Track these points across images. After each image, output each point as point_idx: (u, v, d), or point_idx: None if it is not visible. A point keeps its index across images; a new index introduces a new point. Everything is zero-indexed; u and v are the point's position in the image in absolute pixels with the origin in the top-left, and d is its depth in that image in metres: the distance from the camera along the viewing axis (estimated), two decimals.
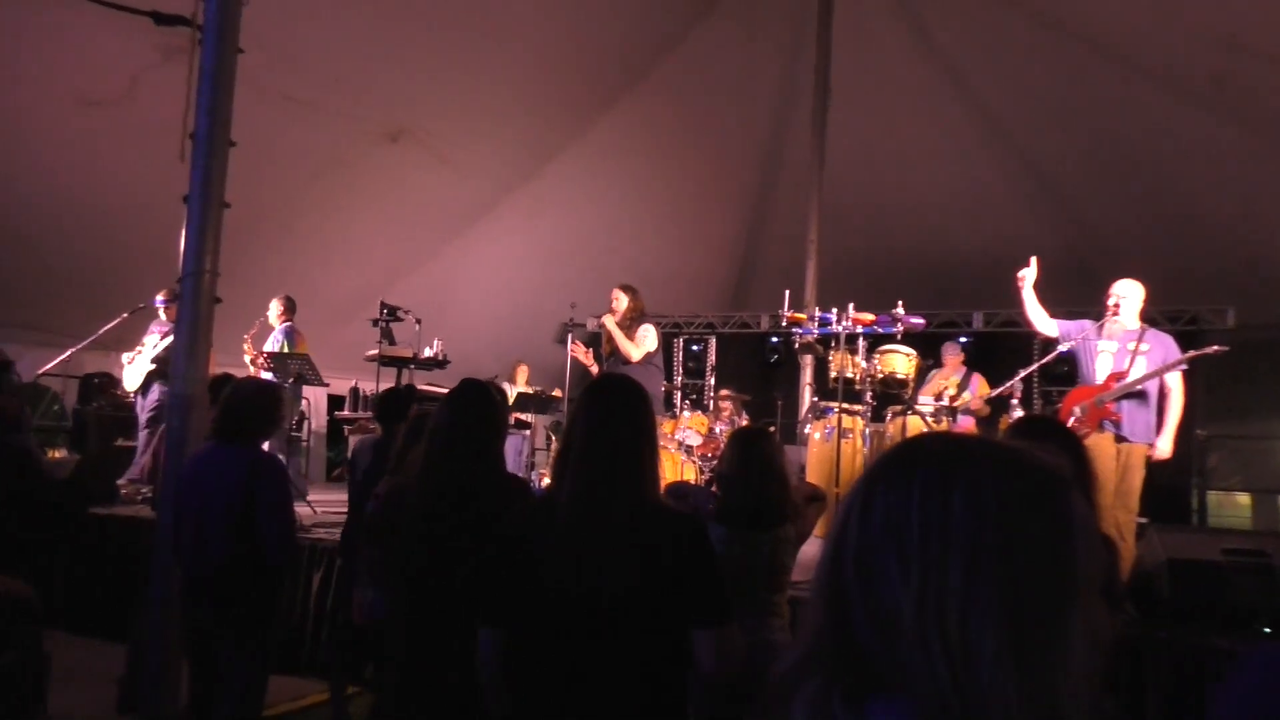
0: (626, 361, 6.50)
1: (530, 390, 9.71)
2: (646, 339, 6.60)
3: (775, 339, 12.12)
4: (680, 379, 12.36)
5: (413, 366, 8.19)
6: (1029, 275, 5.33)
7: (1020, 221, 10.45)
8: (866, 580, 0.84)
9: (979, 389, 7.79)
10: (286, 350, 7.96)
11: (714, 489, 3.39)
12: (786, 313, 7.41)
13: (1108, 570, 2.32)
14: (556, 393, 9.54)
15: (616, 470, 2.06)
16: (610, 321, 6.68)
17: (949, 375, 8.11)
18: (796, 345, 8.16)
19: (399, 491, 2.79)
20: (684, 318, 12.98)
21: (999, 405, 7.48)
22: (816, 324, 7.59)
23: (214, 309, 4.52)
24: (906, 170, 10.83)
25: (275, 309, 8.15)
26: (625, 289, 6.75)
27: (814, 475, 7.49)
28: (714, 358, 12.62)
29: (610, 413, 2.13)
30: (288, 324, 8.11)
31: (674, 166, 11.38)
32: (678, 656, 2.02)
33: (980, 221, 10.80)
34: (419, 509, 2.63)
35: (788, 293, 7.35)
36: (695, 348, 12.83)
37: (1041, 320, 5.39)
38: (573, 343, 6.94)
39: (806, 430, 7.99)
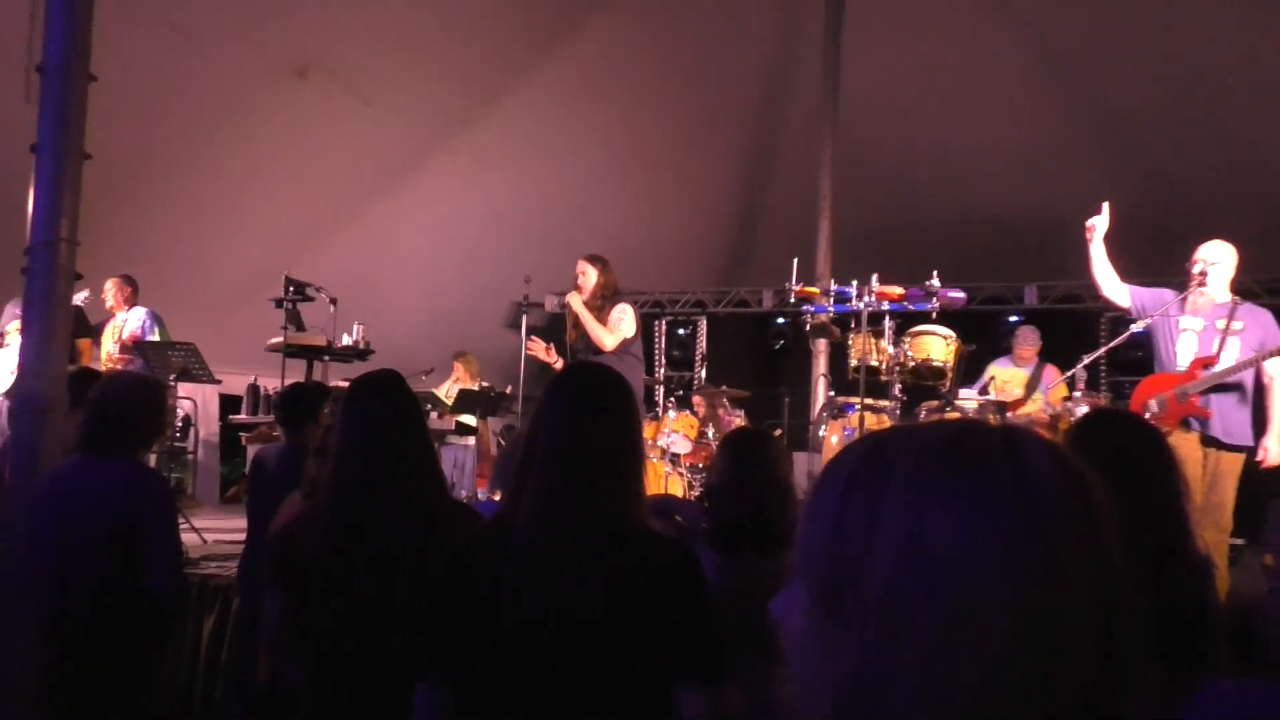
0: (598, 351, 6.54)
1: (475, 387, 9.68)
2: (623, 322, 6.64)
3: (781, 320, 12.23)
4: (663, 371, 12.49)
5: (327, 358, 8.22)
6: (1099, 225, 5.34)
7: (1082, 174, 10.52)
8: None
9: (1053, 392, 7.83)
10: (159, 338, 7.91)
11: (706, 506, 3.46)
12: (794, 287, 7.40)
13: (1201, 600, 2.34)
14: (509, 389, 9.58)
15: (591, 482, 2.08)
16: (576, 301, 6.69)
17: (1017, 367, 8.15)
18: (807, 327, 8.18)
19: (304, 527, 2.79)
20: (667, 295, 13.01)
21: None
22: (832, 300, 7.58)
23: (72, 287, 4.46)
24: (941, 111, 10.87)
25: (113, 293, 8.06)
26: (593, 260, 6.79)
27: None
28: (704, 344, 12.68)
29: (584, 409, 2.15)
30: (144, 308, 8.03)
31: (652, 108, 11.38)
32: (661, 718, 2.04)
33: (1033, 174, 10.88)
34: (329, 548, 2.65)
35: (796, 262, 7.33)
36: (681, 332, 12.88)
37: (1111, 283, 5.41)
38: (530, 339, 6.96)
39: (821, 433, 8.02)
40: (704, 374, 12.38)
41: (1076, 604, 0.81)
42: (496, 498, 4.35)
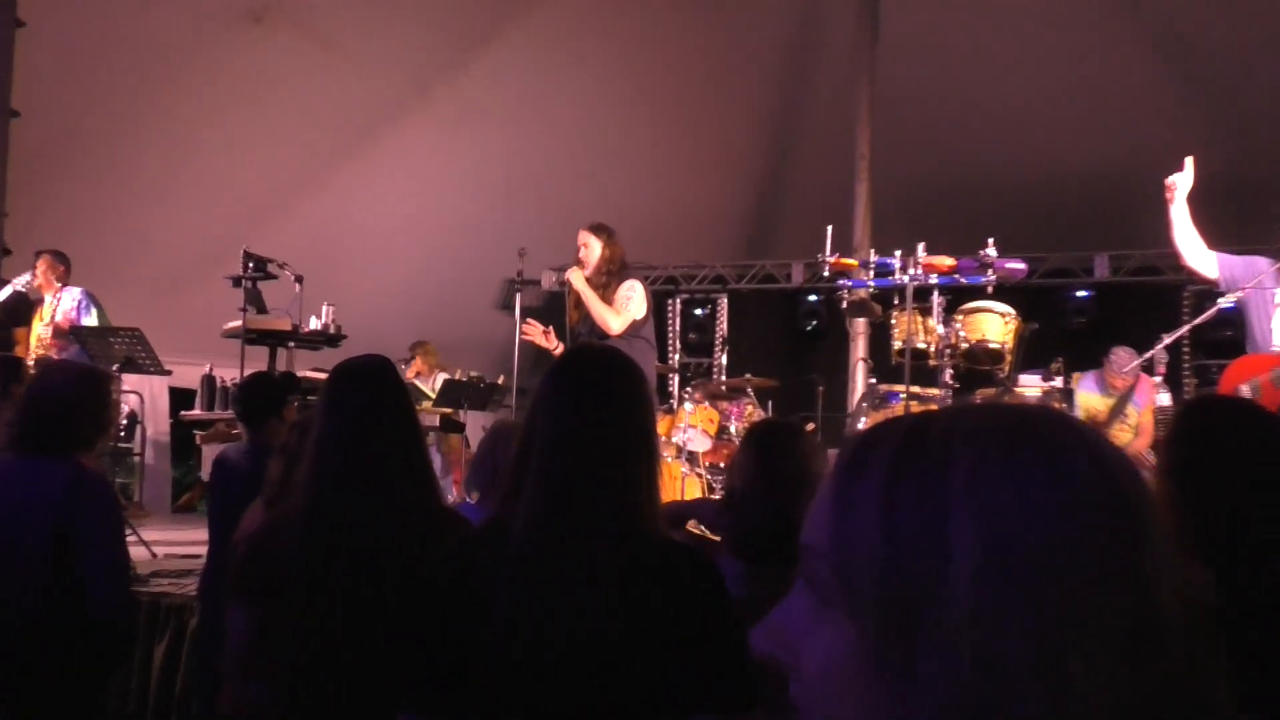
0: (604, 336, 6.56)
1: (462, 378, 9.74)
2: (631, 301, 6.64)
3: (813, 297, 12.25)
4: (678, 357, 12.45)
5: (292, 345, 8.23)
6: (1181, 184, 5.31)
7: (1160, 127, 10.42)
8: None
9: (1145, 414, 7.79)
10: (96, 322, 7.94)
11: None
12: (829, 258, 7.39)
13: None
14: (501, 380, 9.60)
15: (597, 480, 2.10)
16: (578, 278, 6.69)
17: (1108, 396, 8.12)
18: (844, 305, 8.14)
19: (276, 533, 2.82)
20: (682, 269, 13.04)
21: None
22: (872, 274, 7.59)
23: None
24: (997, 54, 10.80)
25: (43, 271, 7.95)
26: (597, 230, 6.83)
27: None
28: (725, 326, 12.70)
29: (587, 396, 2.17)
30: (79, 288, 8.02)
31: (665, 54, 11.35)
32: None
33: (1104, 126, 10.84)
34: (306, 562, 2.67)
35: (830, 230, 7.33)
36: (699, 312, 12.91)
37: (1195, 251, 5.38)
38: (525, 322, 6.98)
39: (860, 426, 7.96)
40: (724, 361, 12.40)
41: (1171, 600, 0.79)
42: (473, 499, 4.36)
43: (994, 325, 7.39)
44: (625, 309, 6.61)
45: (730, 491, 3.30)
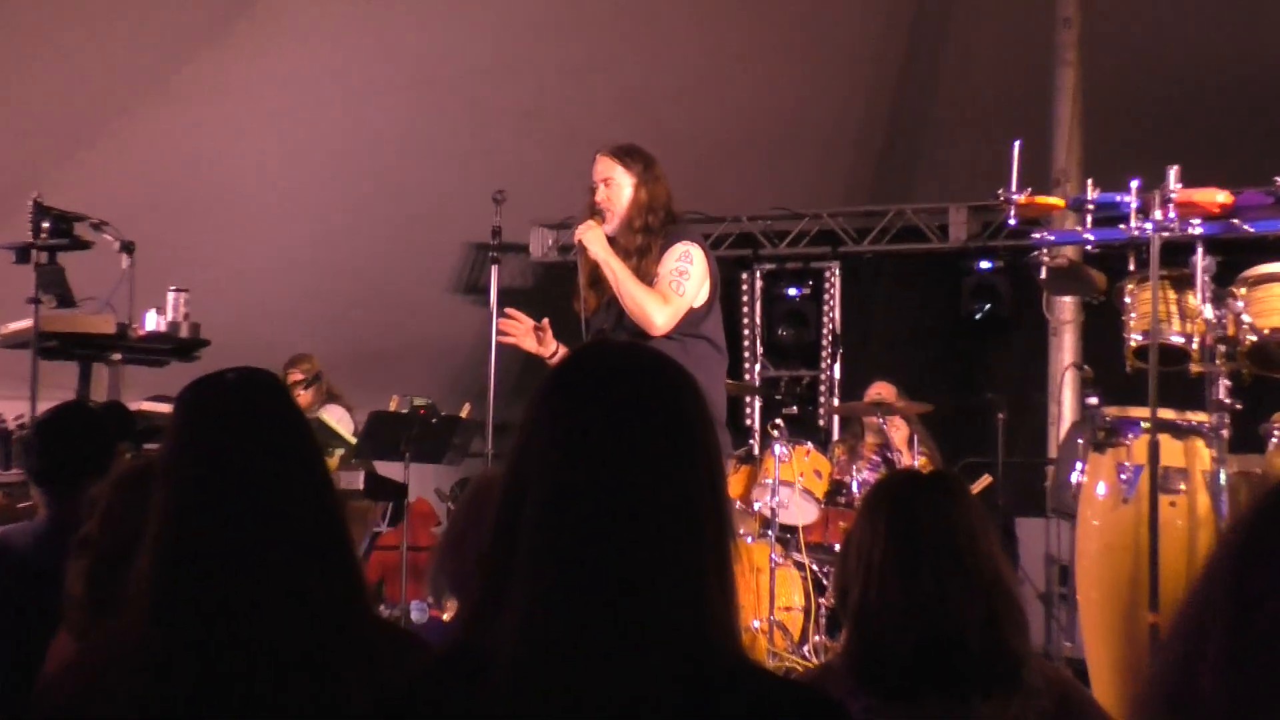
0: (641, 334, 6.60)
1: (400, 408, 9.92)
2: (687, 277, 6.72)
3: (986, 263, 12.41)
4: (758, 367, 12.76)
5: (119, 356, 8.27)
6: None
7: None
8: None
9: None
10: None
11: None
12: (1014, 196, 7.29)
13: None
14: (465, 411, 9.78)
15: (635, 576, 2.11)
16: (596, 238, 6.74)
17: None
18: (1041, 275, 8.05)
19: (99, 680, 2.78)
20: (765, 223, 13.28)
21: None
22: (1088, 220, 7.44)
23: None
24: None
25: None
26: (626, 157, 6.93)
27: (1095, 580, 7.58)
28: (839, 315, 12.87)
29: (614, 433, 2.18)
30: None
31: None
32: None
33: None
34: (153, 706, 2.66)
35: (1017, 149, 7.21)
36: (793, 292, 13.21)
37: None
38: (504, 313, 7.04)
39: (1074, 476, 7.92)
40: (838, 371, 12.52)
41: None
42: (446, 616, 4.42)
43: None
44: (676, 290, 6.67)
45: (843, 589, 3.44)
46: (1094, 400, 8.34)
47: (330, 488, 2.94)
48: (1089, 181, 8.05)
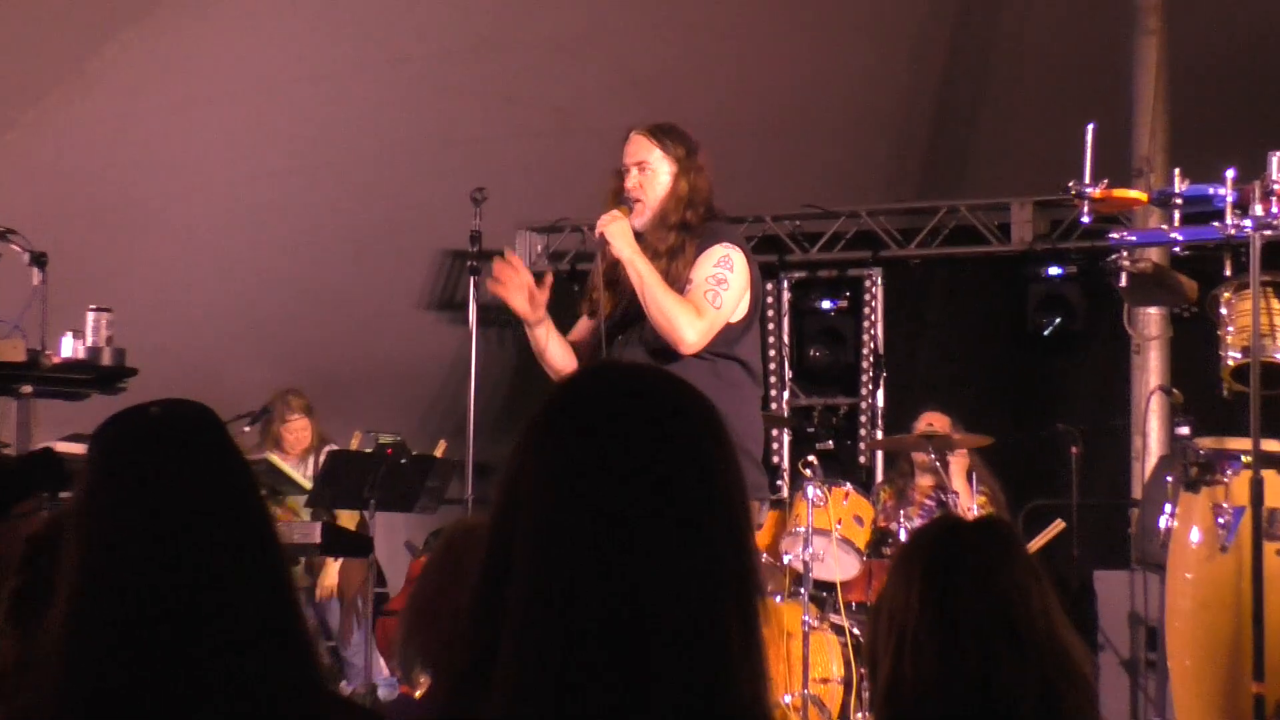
0: (664, 351, 6.65)
1: (362, 446, 10.00)
2: (726, 286, 6.76)
3: (1056, 269, 12.33)
4: (786, 394, 12.78)
5: (28, 389, 8.29)
6: None
7: None
8: None
9: None
10: None
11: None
12: (1087, 188, 7.33)
13: None
14: (440, 449, 9.80)
15: (645, 643, 2.10)
16: (622, 232, 6.78)
17: None
18: (1121, 282, 8.09)
19: None
20: (794, 222, 13.26)
21: None
22: (1177, 218, 7.51)
23: None
24: None
25: None
26: (665, 138, 7.01)
27: (1189, 644, 7.63)
28: (881, 330, 12.90)
29: (618, 473, 2.17)
30: None
31: None
32: None
33: None
34: None
35: (1091, 132, 7.25)
36: (827, 305, 13.16)
37: None
38: (498, 263, 7.03)
39: (1163, 521, 8.00)
40: (881, 398, 12.55)
41: None
42: (419, 693, 4.56)
43: None
44: (713, 301, 6.70)
45: (873, 659, 3.45)
46: (1185, 430, 8.33)
47: (274, 541, 2.89)
48: (1176, 171, 8.03)
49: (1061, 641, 3.32)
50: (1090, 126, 7.31)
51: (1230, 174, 7.20)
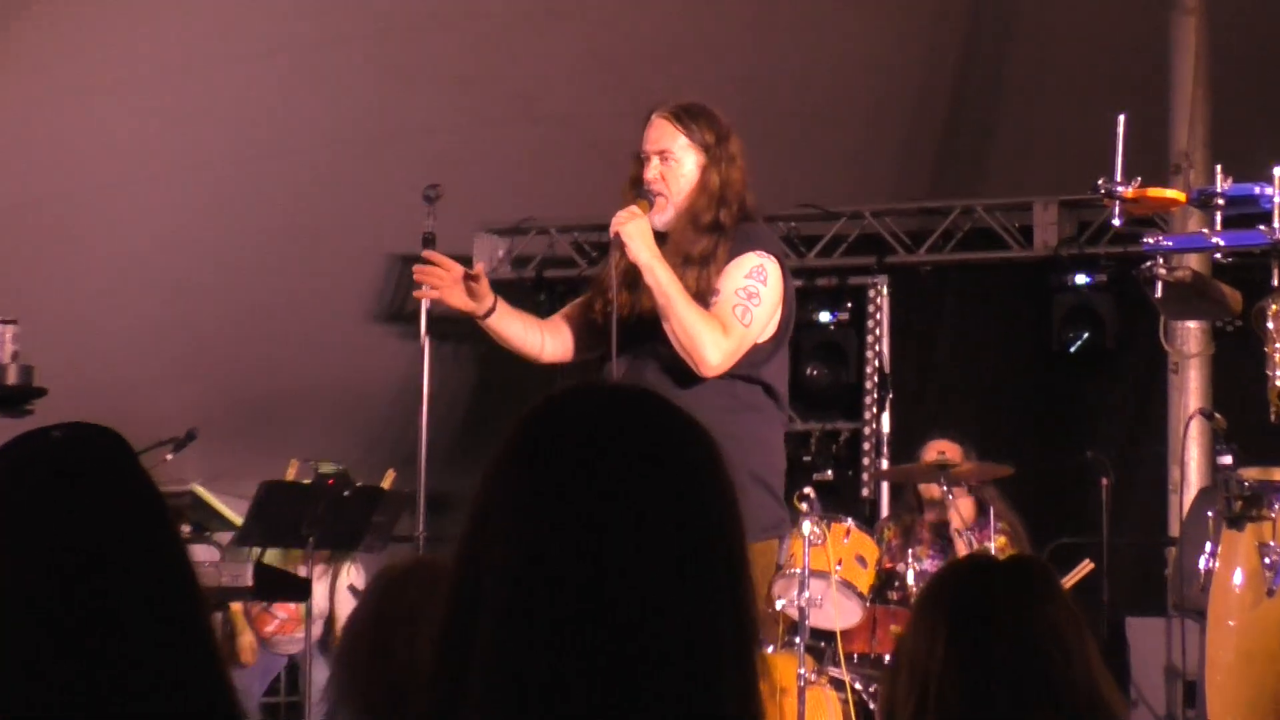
0: (678, 371, 6.70)
1: (299, 477, 10.01)
2: (757, 301, 6.82)
3: (1084, 277, 12.32)
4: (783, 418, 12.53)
5: None
6: None
7: None
8: None
9: None
10: None
11: None
12: (1120, 187, 7.42)
13: None
14: (388, 479, 9.84)
15: (634, 702, 2.10)
16: (640, 233, 6.77)
17: None
18: (1158, 292, 8.16)
19: None
20: (787, 224, 13.17)
21: None
22: (1219, 220, 7.60)
23: None
24: None
25: None
26: (691, 121, 7.03)
27: (1232, 700, 7.66)
28: (887, 345, 12.88)
29: (606, 507, 2.18)
30: None
31: None
32: None
33: None
34: None
35: (1122, 124, 7.35)
36: (826, 317, 13.17)
37: None
38: (420, 262, 7.09)
39: (1203, 562, 8.04)
40: (886, 422, 12.54)
41: None
42: None
43: None
44: (742, 318, 6.75)
45: (891, 711, 3.48)
46: (1228, 459, 8.32)
47: (191, 583, 2.82)
48: (1218, 168, 8.08)
49: (1102, 695, 3.32)
50: (1122, 117, 7.34)
51: (1278, 172, 7.29)
